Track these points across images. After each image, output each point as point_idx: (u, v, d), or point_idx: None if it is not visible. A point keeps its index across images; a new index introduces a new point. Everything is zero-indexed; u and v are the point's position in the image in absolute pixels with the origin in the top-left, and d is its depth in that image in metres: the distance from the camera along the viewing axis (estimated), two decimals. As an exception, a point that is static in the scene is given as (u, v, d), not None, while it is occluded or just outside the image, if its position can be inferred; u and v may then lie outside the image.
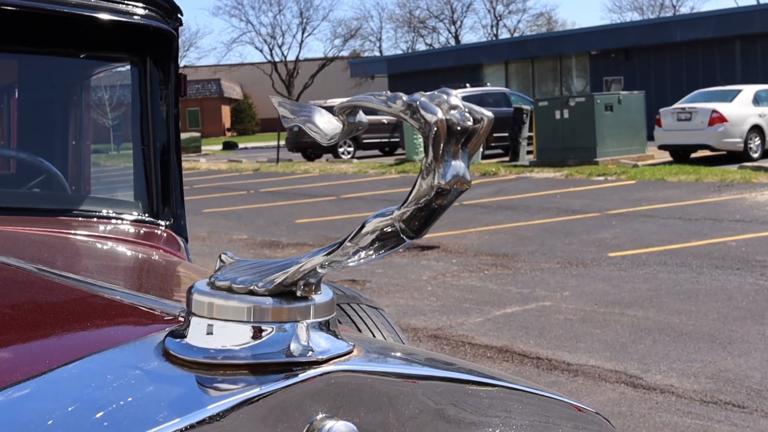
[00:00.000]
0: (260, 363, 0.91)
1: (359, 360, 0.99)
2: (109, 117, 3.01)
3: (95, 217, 2.44)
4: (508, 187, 18.72)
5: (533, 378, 5.90)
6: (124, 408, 0.86)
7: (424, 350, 1.40)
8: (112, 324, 1.22)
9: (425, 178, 0.87)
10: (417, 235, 0.90)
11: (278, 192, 20.13)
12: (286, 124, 0.97)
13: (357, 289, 9.04)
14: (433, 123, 0.84)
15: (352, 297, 2.66)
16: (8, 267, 1.54)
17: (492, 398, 1.14)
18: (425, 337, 7.14)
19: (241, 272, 0.96)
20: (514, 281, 9.18)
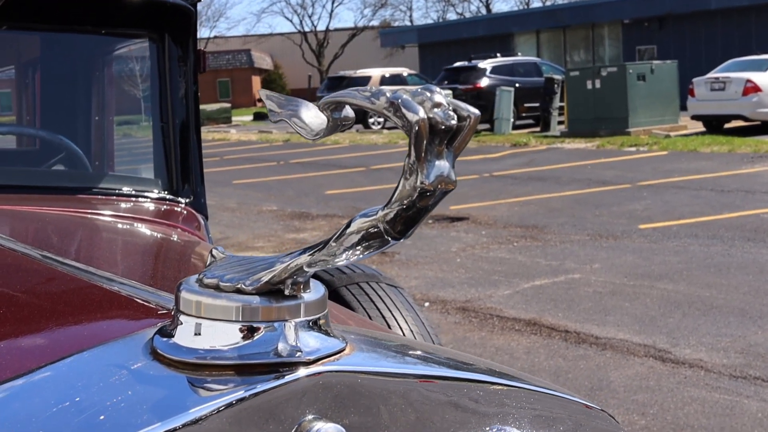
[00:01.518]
0: (247, 364, 0.90)
1: (350, 359, 0.97)
2: (128, 94, 3.00)
3: (115, 195, 2.44)
4: (538, 158, 18.62)
5: (561, 352, 5.89)
6: (107, 410, 0.85)
7: (426, 344, 1.38)
8: (104, 318, 1.21)
9: (408, 179, 0.84)
10: (401, 237, 0.87)
11: (308, 163, 20.13)
12: (272, 118, 0.94)
13: (386, 260, 9.06)
14: (414, 122, 0.82)
15: (371, 275, 2.65)
16: (14, 253, 1.54)
17: (491, 396, 1.12)
18: (453, 310, 7.13)
19: (229, 269, 0.95)
20: (543, 253, 9.14)
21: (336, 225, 11.61)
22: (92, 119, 2.86)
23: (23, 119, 3.25)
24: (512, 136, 23.76)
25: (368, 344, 1.07)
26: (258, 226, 11.90)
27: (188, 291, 0.93)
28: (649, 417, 4.69)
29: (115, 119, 2.99)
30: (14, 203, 2.25)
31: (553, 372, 5.48)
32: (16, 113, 3.35)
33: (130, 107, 3.09)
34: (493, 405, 1.12)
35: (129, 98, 3.02)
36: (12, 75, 3.22)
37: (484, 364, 1.24)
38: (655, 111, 22.55)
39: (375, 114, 0.86)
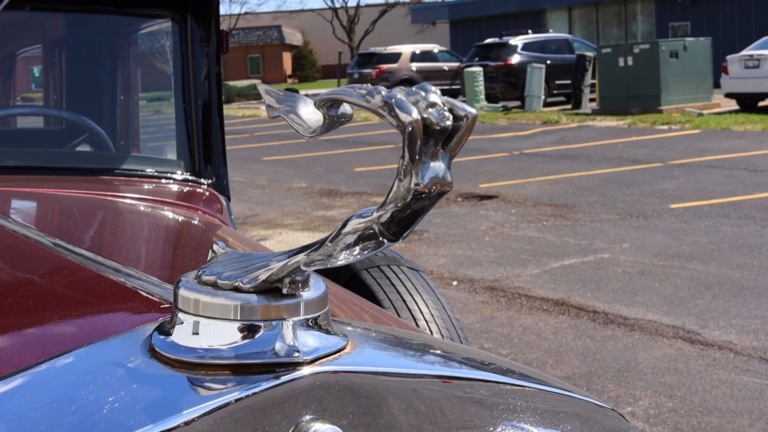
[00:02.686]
0: (243, 363, 0.88)
1: (350, 358, 0.95)
2: (150, 75, 2.99)
3: (137, 177, 2.43)
4: (569, 136, 18.49)
5: (589, 332, 5.86)
6: (101, 410, 0.84)
7: (433, 338, 1.35)
8: (106, 312, 1.20)
9: (402, 180, 0.81)
10: (396, 239, 0.85)
11: (337, 140, 20.10)
12: (270, 114, 0.92)
13: (414, 239, 9.04)
14: (408, 123, 0.79)
15: (392, 259, 2.63)
16: (26, 241, 1.53)
17: (498, 395, 1.10)
18: (481, 289, 7.11)
19: (227, 266, 0.93)
20: (572, 232, 9.08)
21: (365, 202, 11.60)
22: (117, 99, 2.86)
23: (49, 99, 3.26)
24: (543, 113, 23.62)
25: (373, 342, 1.05)
26: (287, 203, 11.91)
27: (187, 288, 0.91)
28: (676, 399, 4.65)
29: (139, 100, 2.98)
30: (36, 185, 2.25)
31: (581, 353, 5.45)
32: (42, 94, 3.36)
33: (153, 88, 3.09)
34: (500, 404, 1.10)
35: (151, 79, 3.01)
36: (36, 55, 3.22)
37: (494, 362, 1.21)
38: (688, 89, 22.31)
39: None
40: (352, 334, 1.00)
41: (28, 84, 3.62)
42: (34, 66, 3.47)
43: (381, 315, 1.71)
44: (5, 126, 2.89)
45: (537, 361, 5.34)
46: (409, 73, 32.97)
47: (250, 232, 9.93)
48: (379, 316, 1.69)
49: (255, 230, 10.07)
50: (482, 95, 26.47)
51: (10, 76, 3.36)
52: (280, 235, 9.74)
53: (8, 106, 3.02)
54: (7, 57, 3.30)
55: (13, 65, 3.37)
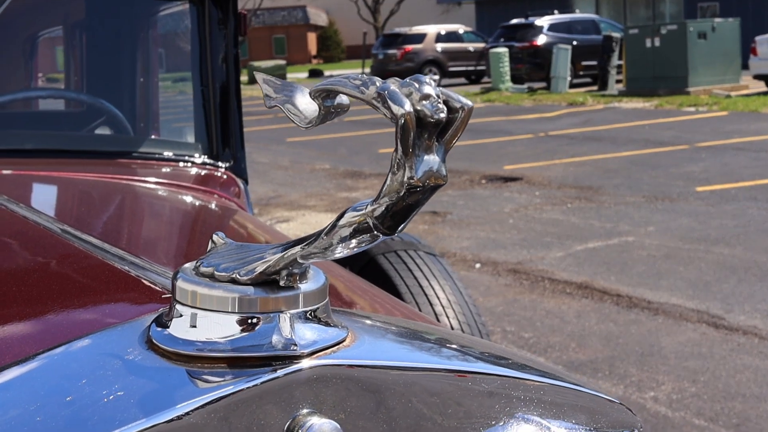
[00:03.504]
0: (240, 357, 0.87)
1: (348, 351, 0.93)
2: (168, 58, 2.98)
3: (154, 160, 2.42)
4: (595, 118, 18.37)
5: (612, 316, 5.82)
6: (95, 403, 0.82)
7: (444, 330, 1.33)
8: (107, 302, 1.19)
9: (396, 174, 0.80)
10: (391, 233, 0.83)
11: (361, 121, 20.06)
12: (267, 103, 0.91)
13: (437, 221, 9.02)
14: (400, 116, 0.77)
15: (410, 243, 2.61)
16: (35, 227, 1.52)
17: (502, 390, 1.07)
18: (504, 272, 7.08)
19: (225, 257, 0.91)
20: (597, 215, 9.03)
21: (388, 184, 11.55)
22: (137, 82, 2.85)
23: (70, 81, 3.25)
24: (569, 94, 23.48)
25: (376, 334, 1.03)
26: (311, 185, 11.91)
27: (184, 280, 0.90)
28: (700, 384, 4.62)
29: (158, 82, 2.97)
30: (53, 168, 2.25)
31: (604, 337, 5.42)
32: (64, 75, 3.36)
33: (171, 71, 3.08)
34: (505, 398, 1.07)
35: (169, 61, 3.00)
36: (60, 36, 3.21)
37: (510, 355, 1.19)
38: (716, 70, 22.10)
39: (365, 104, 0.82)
40: (353, 326, 0.99)
41: (53, 65, 3.62)
42: (58, 47, 3.47)
43: (393, 304, 1.69)
44: (23, 109, 2.88)
45: (559, 344, 5.31)
46: (434, 53, 32.84)
47: (273, 214, 9.94)
48: (390, 306, 1.67)
49: (278, 211, 10.07)
50: (508, 76, 26.35)
51: (31, 57, 3.36)
52: (303, 216, 9.74)
53: (25, 89, 3.02)
54: (28, 39, 3.29)
55: (34, 47, 3.36)
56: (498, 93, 25.40)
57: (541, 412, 1.09)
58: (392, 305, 1.68)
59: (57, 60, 3.49)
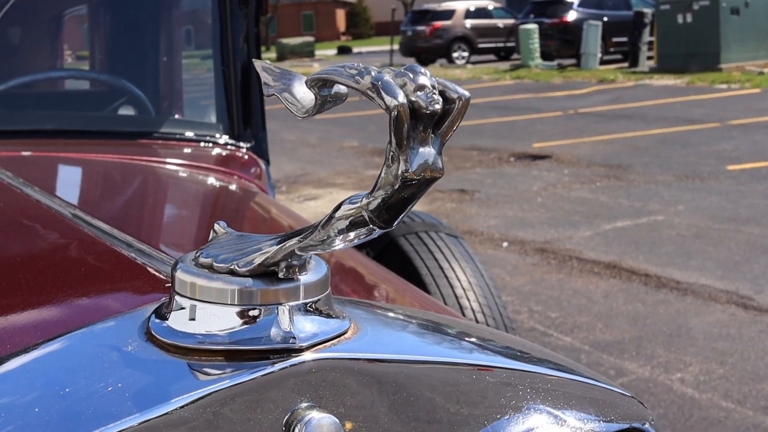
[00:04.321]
0: (237, 350, 0.85)
1: (349, 344, 0.91)
2: (189, 37, 2.97)
3: (174, 140, 2.41)
4: (625, 95, 18.22)
5: (640, 296, 5.78)
6: (91, 397, 0.81)
7: (457, 321, 1.30)
8: (110, 291, 1.18)
9: (390, 167, 0.77)
10: (387, 226, 0.81)
11: (390, 98, 19.99)
12: (265, 91, 0.89)
13: (465, 199, 8.99)
14: (393, 107, 0.75)
15: (431, 225, 2.59)
16: (47, 211, 1.52)
17: (510, 384, 1.05)
18: (532, 251, 7.04)
19: (225, 248, 0.90)
20: (626, 194, 8.96)
21: (416, 162, 11.51)
22: (160, 61, 2.83)
23: (95, 61, 3.25)
24: (599, 71, 23.29)
25: (381, 325, 1.01)
26: (338, 163, 11.90)
27: (183, 271, 0.88)
28: (728, 366, 4.57)
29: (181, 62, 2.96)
30: (73, 149, 2.24)
31: (631, 317, 5.38)
32: (89, 55, 3.35)
33: (192, 50, 3.06)
34: (513, 392, 1.04)
35: (190, 41, 2.98)
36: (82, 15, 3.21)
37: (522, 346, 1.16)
38: (749, 46, 21.82)
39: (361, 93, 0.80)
40: (358, 317, 0.97)
41: (78, 45, 3.62)
42: (83, 26, 3.47)
43: (412, 293, 1.67)
44: (44, 89, 2.88)
45: (586, 324, 5.28)
46: (463, 30, 32.66)
47: (301, 192, 9.94)
48: (409, 294, 1.64)
49: (306, 189, 10.08)
50: (537, 53, 26.17)
51: (56, 37, 3.36)
52: (331, 194, 9.73)
53: (44, 70, 3.01)
54: (52, 18, 3.29)
55: (59, 26, 3.36)
56: (527, 70, 25.23)
57: (553, 404, 1.07)
58: (411, 295, 1.65)
59: (81, 40, 3.49)
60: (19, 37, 2.96)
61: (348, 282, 1.60)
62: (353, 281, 1.62)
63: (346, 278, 1.61)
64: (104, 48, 3.06)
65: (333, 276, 0.96)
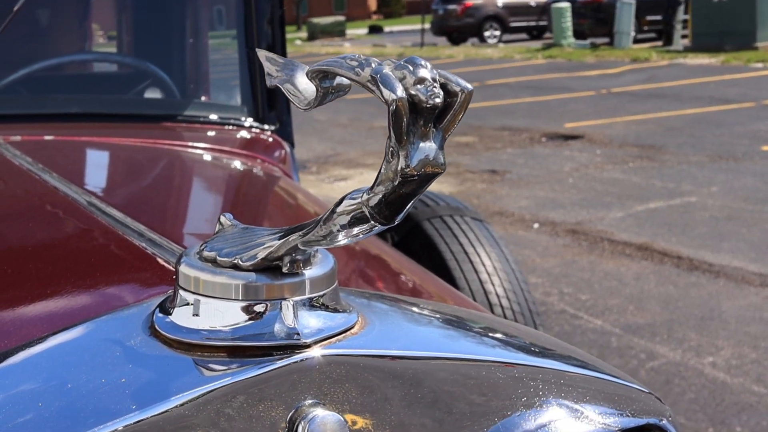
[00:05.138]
0: (240, 346, 0.84)
1: (355, 340, 0.89)
2: (213, 20, 2.95)
3: (198, 123, 2.40)
4: (659, 74, 18.04)
5: (672, 279, 5.72)
6: (92, 393, 0.80)
7: (474, 313, 1.27)
8: (117, 282, 1.17)
9: (390, 162, 0.75)
10: (389, 222, 0.78)
11: (422, 78, 19.92)
12: (268, 82, 0.87)
13: (496, 180, 8.94)
14: (391, 102, 0.72)
15: (456, 209, 2.56)
16: (63, 198, 1.51)
17: (519, 378, 1.02)
18: (563, 232, 6.99)
19: (229, 242, 0.88)
20: (659, 174, 8.87)
21: (447, 142, 11.37)
22: (186, 43, 2.82)
23: (122, 43, 3.24)
24: (632, 50, 23.07)
25: (393, 320, 0.98)
26: (369, 143, 11.87)
27: (187, 265, 0.87)
28: (760, 350, 4.51)
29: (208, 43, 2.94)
30: (96, 132, 2.24)
31: (663, 300, 5.33)
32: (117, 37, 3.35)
33: (216, 32, 3.04)
34: (523, 387, 1.02)
35: (214, 23, 2.97)
36: None
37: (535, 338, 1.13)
38: (786, 25, 21.52)
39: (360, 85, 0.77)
40: (368, 310, 0.95)
41: (108, 27, 3.61)
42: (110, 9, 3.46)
43: (432, 284, 1.63)
44: (68, 72, 2.87)
45: (617, 307, 5.23)
46: (494, 9, 32.44)
47: (331, 172, 9.93)
48: (428, 285, 1.61)
49: (336, 170, 10.06)
50: (570, 32, 25.95)
51: (83, 19, 3.35)
52: (362, 175, 9.71)
53: (69, 53, 3.00)
54: (79, 0, 3.28)
55: (87, 9, 3.35)
56: (560, 49, 25.04)
57: (570, 398, 1.04)
58: (434, 286, 1.62)
59: (109, 22, 3.48)
60: (47, 20, 2.96)
61: (367, 272, 1.58)
62: (373, 271, 1.60)
63: (365, 268, 1.59)
64: (131, 30, 3.05)
65: (352, 265, 0.94)
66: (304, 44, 38.67)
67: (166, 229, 1.41)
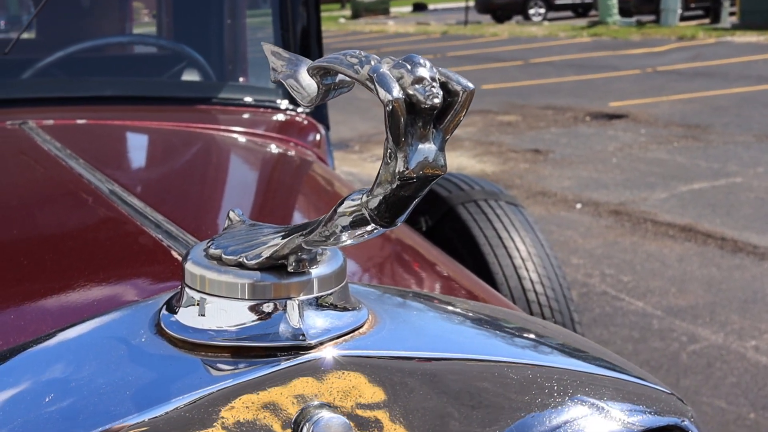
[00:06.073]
0: (245, 347, 0.82)
1: (363, 340, 0.87)
2: (249, 1, 2.94)
3: (233, 105, 2.39)
4: (706, 52, 17.78)
5: (715, 260, 5.65)
6: (94, 394, 0.80)
7: (502, 309, 1.25)
8: (129, 276, 1.17)
9: (388, 164, 0.72)
10: (390, 225, 0.76)
11: (465, 56, 19.84)
12: (271, 76, 0.85)
13: (539, 159, 8.88)
14: (387, 103, 0.70)
15: (491, 193, 2.52)
16: (86, 186, 1.51)
17: (530, 379, 0.99)
18: (606, 212, 6.93)
19: (236, 239, 0.87)
20: (704, 155, 8.75)
21: (490, 121, 11.43)
22: (224, 24, 2.81)
23: (162, 24, 3.24)
24: (679, 28, 22.76)
25: (406, 318, 0.96)
26: (411, 122, 11.81)
27: (194, 263, 0.85)
28: (805, 334, 4.45)
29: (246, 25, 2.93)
30: (128, 115, 2.24)
31: (706, 282, 5.26)
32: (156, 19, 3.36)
33: (251, 14, 3.03)
34: (537, 389, 0.99)
35: (250, 5, 2.96)
36: None
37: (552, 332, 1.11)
38: (837, 1, 21.13)
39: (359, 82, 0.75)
40: (379, 308, 0.93)
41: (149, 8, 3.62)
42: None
43: (463, 279, 1.60)
44: (103, 54, 2.88)
45: (659, 289, 5.18)
46: (539, -14, 32.14)
47: (374, 151, 9.92)
48: (457, 279, 1.58)
49: (379, 149, 10.05)
50: (615, 9, 25.66)
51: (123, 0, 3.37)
52: (403, 154, 9.68)
53: (104, 36, 3.01)
54: None
55: None
56: (605, 27, 24.77)
57: (591, 396, 1.02)
58: (465, 281, 1.59)
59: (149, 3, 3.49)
60: (88, 2, 2.97)
61: (393, 265, 1.56)
62: (399, 264, 1.58)
63: (391, 260, 1.56)
64: (171, 11, 3.05)
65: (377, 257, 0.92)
66: (347, 22, 38.59)
67: (185, 219, 1.40)
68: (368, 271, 1.44)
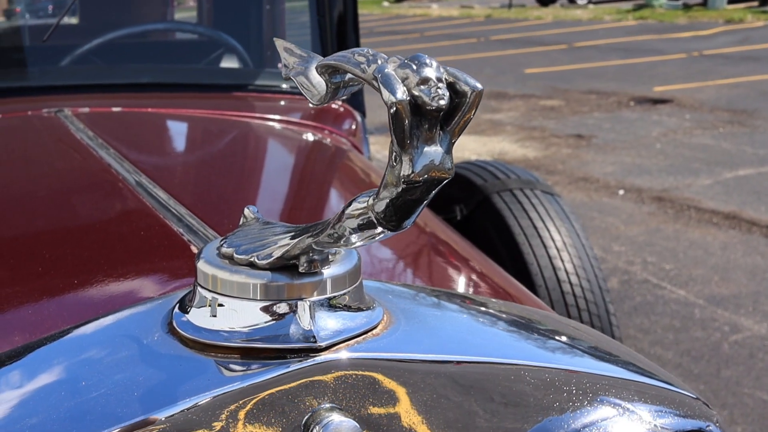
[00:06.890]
0: (255, 348, 0.81)
1: (375, 342, 0.86)
2: None
3: (269, 92, 2.38)
4: (754, 36, 17.50)
5: (760, 249, 5.56)
6: (102, 393, 0.79)
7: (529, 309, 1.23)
8: (147, 272, 1.16)
9: (394, 167, 0.70)
10: (396, 229, 0.74)
11: (508, 40, 19.70)
12: (283, 73, 0.84)
13: (582, 144, 8.80)
14: (390, 104, 0.67)
15: (527, 181, 2.49)
16: (114, 177, 1.51)
17: (554, 380, 0.96)
18: (649, 199, 6.85)
19: (248, 238, 0.85)
20: (750, 141, 8.62)
21: (533, 105, 11.34)
22: (263, 11, 2.80)
23: (202, 11, 3.24)
24: (727, 11, 22.42)
25: (421, 319, 0.94)
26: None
27: (206, 262, 0.84)
28: None
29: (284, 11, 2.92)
30: (163, 103, 2.24)
31: (749, 270, 5.19)
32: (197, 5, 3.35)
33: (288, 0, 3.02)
34: (552, 393, 0.97)
35: None
36: None
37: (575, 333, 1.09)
38: None
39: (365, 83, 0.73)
40: (395, 308, 0.91)
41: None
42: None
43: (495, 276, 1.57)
44: (140, 41, 2.88)
45: (702, 277, 5.12)
46: (585, -31, 31.81)
47: (415, 136, 9.87)
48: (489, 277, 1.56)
49: (420, 134, 10.01)
50: (663, -8, 25.36)
51: None
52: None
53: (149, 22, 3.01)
54: None
55: None
56: (651, 9, 24.47)
57: (617, 399, 1.00)
58: (496, 279, 1.56)
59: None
60: None
61: (426, 262, 1.54)
62: (428, 261, 1.56)
63: (418, 256, 1.54)
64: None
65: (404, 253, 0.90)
66: (391, 6, 38.48)
67: (209, 212, 1.39)
68: (401, 266, 1.42)
